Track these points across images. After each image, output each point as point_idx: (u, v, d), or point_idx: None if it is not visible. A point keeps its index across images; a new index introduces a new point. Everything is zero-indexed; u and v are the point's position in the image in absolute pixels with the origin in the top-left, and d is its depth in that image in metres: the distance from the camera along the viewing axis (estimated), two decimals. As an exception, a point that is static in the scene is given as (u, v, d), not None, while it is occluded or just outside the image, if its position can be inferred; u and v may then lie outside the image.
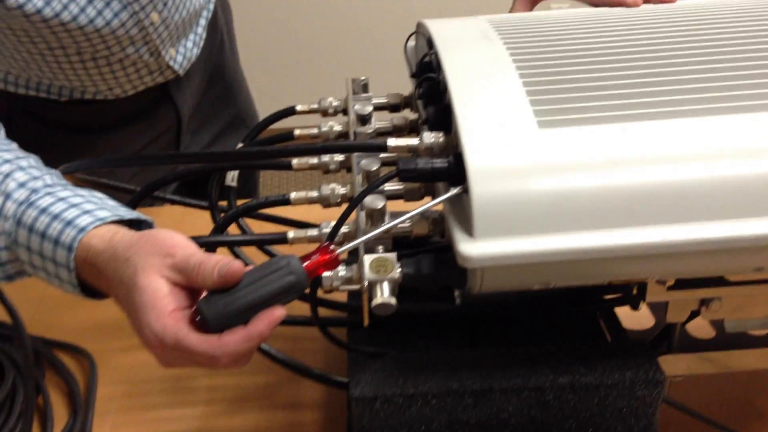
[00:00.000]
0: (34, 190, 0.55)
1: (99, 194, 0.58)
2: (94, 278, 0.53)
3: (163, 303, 0.48)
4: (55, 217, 0.53)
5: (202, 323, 0.48)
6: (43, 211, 0.54)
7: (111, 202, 0.57)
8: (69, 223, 0.53)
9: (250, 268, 0.49)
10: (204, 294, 0.49)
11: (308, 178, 2.21)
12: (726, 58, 0.54)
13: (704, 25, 0.59)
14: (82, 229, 0.52)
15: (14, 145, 0.59)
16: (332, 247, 0.49)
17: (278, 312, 0.47)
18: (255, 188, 1.10)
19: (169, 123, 0.92)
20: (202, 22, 0.91)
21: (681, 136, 0.48)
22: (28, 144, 0.61)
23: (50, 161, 0.60)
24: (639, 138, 0.48)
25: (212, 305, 0.47)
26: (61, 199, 0.54)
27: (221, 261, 0.48)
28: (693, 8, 0.64)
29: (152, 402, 0.69)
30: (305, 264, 0.48)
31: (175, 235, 0.51)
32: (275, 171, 2.27)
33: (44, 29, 0.72)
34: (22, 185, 0.55)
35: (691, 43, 0.56)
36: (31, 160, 0.58)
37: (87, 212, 0.54)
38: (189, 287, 0.50)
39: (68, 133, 0.87)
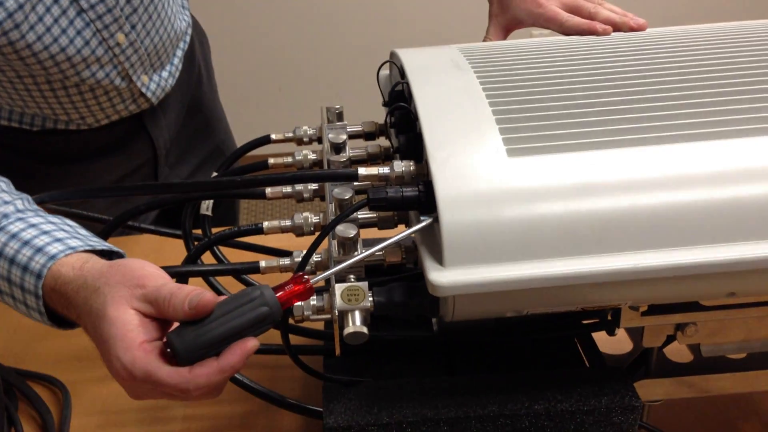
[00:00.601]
0: (5, 215, 0.55)
1: (71, 222, 0.57)
2: (63, 307, 0.53)
3: (133, 335, 0.47)
4: (26, 243, 0.53)
5: (172, 355, 0.47)
6: (14, 236, 0.53)
7: (83, 231, 0.57)
8: (39, 250, 0.52)
9: (222, 298, 0.48)
10: (175, 325, 0.49)
11: (287, 206, 2.22)
12: (694, 85, 0.54)
13: (674, 53, 0.60)
14: (52, 257, 0.52)
15: None
16: (306, 277, 0.49)
17: (251, 344, 0.47)
18: (235, 216, 1.10)
19: (146, 156, 0.92)
20: (179, 53, 0.91)
21: (649, 163, 0.49)
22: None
23: (22, 191, 0.60)
24: (607, 165, 0.49)
25: (183, 337, 0.47)
26: (33, 226, 0.54)
27: (192, 292, 0.47)
28: (664, 36, 0.65)
29: (127, 433, 0.68)
30: (278, 294, 0.48)
31: (147, 265, 0.51)
32: (252, 201, 2.29)
33: (11, 55, 0.72)
34: None
35: (660, 70, 0.57)
36: (2, 185, 0.58)
37: (58, 240, 0.53)
38: (160, 318, 0.49)
39: (41, 164, 0.86)
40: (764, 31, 0.62)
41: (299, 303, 0.51)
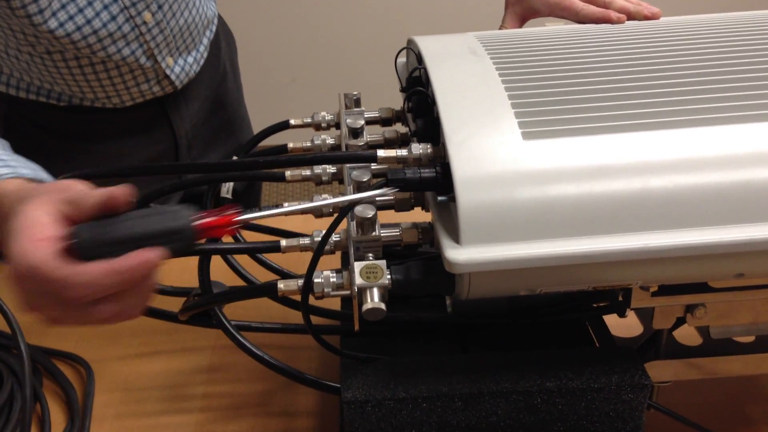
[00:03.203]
0: None
1: (34, 165, 0.60)
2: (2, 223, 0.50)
3: (36, 229, 0.44)
4: None
5: (72, 248, 0.44)
6: None
7: (43, 174, 0.59)
8: None
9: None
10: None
11: (306, 192, 2.24)
12: (707, 71, 0.55)
13: (687, 41, 0.61)
14: None
15: None
16: (231, 211, 0.46)
17: (153, 253, 0.44)
18: (257, 202, 1.12)
19: (167, 143, 0.94)
20: (205, 41, 0.93)
21: (661, 147, 0.50)
22: (22, 149, 0.63)
23: (45, 169, 0.62)
24: (620, 148, 0.50)
25: (87, 230, 0.44)
26: None
27: (110, 189, 0.45)
28: (677, 24, 0.66)
29: (148, 409, 0.70)
30: (197, 218, 0.45)
31: (78, 183, 0.48)
32: (274, 186, 2.31)
33: (41, 26, 0.74)
34: None
35: (672, 57, 0.58)
36: None
37: (9, 167, 0.56)
38: (78, 221, 0.46)
39: (63, 141, 0.89)
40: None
41: (318, 279, 0.53)
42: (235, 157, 0.69)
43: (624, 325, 0.66)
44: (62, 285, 0.43)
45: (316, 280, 0.52)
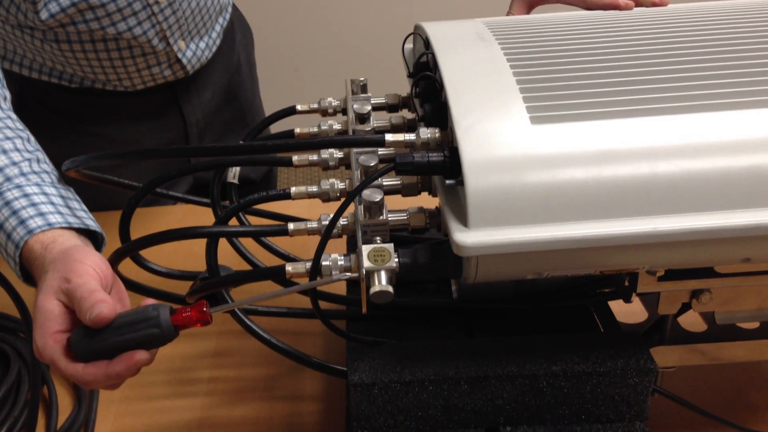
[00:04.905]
0: (8, 178, 0.60)
1: (66, 193, 0.62)
2: (34, 276, 0.58)
3: (49, 324, 0.53)
4: (14, 213, 0.58)
5: (72, 354, 0.52)
6: (7, 204, 0.59)
7: (73, 205, 0.61)
8: (22, 222, 0.58)
9: (147, 302, 0.53)
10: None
11: (312, 180, 2.24)
12: (715, 57, 0.55)
13: (694, 27, 0.61)
14: (30, 231, 0.57)
15: (9, 121, 0.63)
16: (205, 309, 0.52)
17: (138, 356, 0.51)
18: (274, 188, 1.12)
19: (177, 131, 0.94)
20: (217, 27, 0.93)
21: (669, 132, 0.50)
22: (34, 131, 0.63)
23: (54, 151, 0.63)
24: (627, 133, 0.50)
25: (80, 340, 0.52)
26: (25, 195, 0.59)
27: (97, 303, 0.51)
28: (685, 11, 0.66)
29: (155, 392, 0.70)
30: (175, 317, 0.52)
31: (87, 257, 0.55)
32: (284, 175, 2.32)
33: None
34: None
35: (680, 43, 0.58)
36: (17, 142, 0.62)
37: (41, 215, 0.58)
38: (72, 309, 0.54)
39: (75, 124, 0.89)
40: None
41: (326, 262, 0.53)
42: (241, 142, 0.69)
43: (628, 312, 0.66)
44: (71, 376, 0.53)
45: (324, 263, 0.53)
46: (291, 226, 0.56)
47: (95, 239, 0.62)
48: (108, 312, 0.51)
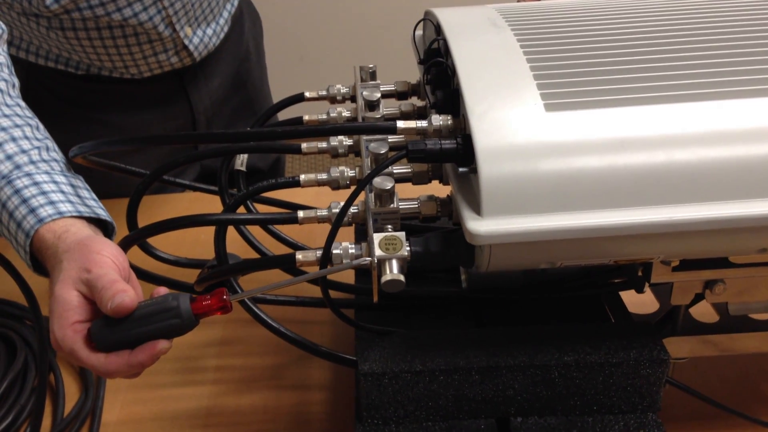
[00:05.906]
0: (18, 166, 0.58)
1: (76, 182, 0.60)
2: (44, 263, 0.57)
3: (69, 314, 0.52)
4: (24, 201, 0.57)
5: (93, 344, 0.52)
6: (17, 192, 0.58)
7: (82, 193, 0.60)
8: (32, 211, 0.57)
9: (160, 292, 0.53)
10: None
11: (318, 171, 2.23)
12: (730, 44, 0.55)
13: (708, 13, 0.60)
14: (40, 220, 0.56)
15: (17, 109, 0.62)
16: (225, 296, 0.51)
17: (159, 346, 0.51)
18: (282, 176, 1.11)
19: (184, 119, 0.93)
20: (225, 14, 0.92)
21: (685, 119, 0.49)
22: (41, 118, 0.63)
23: (61, 138, 0.62)
24: (643, 121, 0.49)
25: (102, 331, 0.51)
26: (35, 184, 0.58)
27: (119, 293, 0.51)
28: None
29: (162, 381, 0.70)
30: (196, 305, 0.51)
31: (105, 248, 0.54)
32: (290, 163, 2.31)
33: None
34: (9, 158, 0.59)
35: (695, 29, 0.57)
36: (26, 130, 0.61)
37: (51, 203, 0.57)
38: (92, 300, 0.53)
39: (81, 111, 0.88)
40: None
41: (337, 251, 0.52)
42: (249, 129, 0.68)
43: (639, 303, 0.65)
44: (92, 367, 0.52)
45: (334, 251, 0.52)
46: (301, 213, 0.56)
47: (105, 228, 0.61)
48: (130, 302, 0.51)
